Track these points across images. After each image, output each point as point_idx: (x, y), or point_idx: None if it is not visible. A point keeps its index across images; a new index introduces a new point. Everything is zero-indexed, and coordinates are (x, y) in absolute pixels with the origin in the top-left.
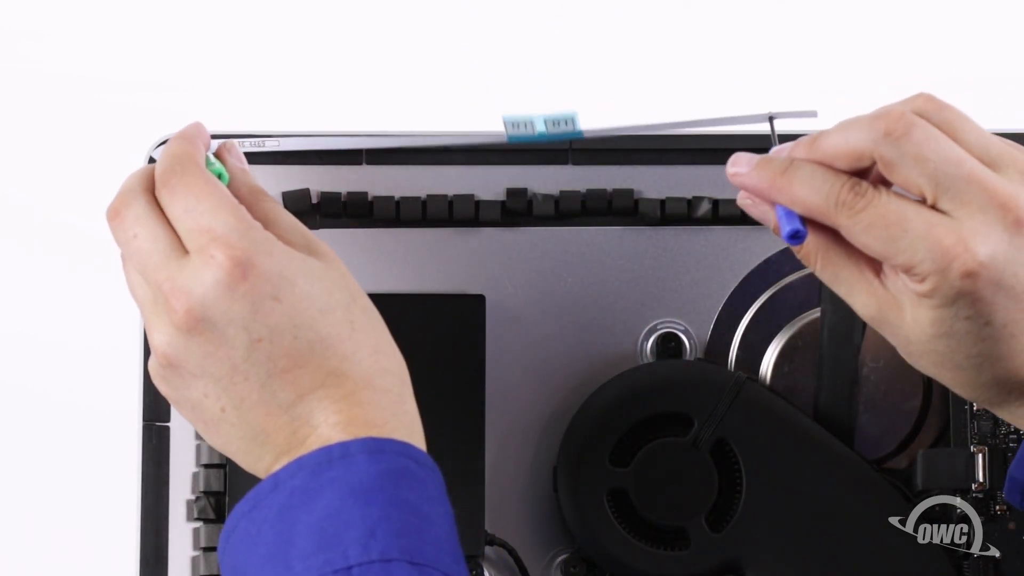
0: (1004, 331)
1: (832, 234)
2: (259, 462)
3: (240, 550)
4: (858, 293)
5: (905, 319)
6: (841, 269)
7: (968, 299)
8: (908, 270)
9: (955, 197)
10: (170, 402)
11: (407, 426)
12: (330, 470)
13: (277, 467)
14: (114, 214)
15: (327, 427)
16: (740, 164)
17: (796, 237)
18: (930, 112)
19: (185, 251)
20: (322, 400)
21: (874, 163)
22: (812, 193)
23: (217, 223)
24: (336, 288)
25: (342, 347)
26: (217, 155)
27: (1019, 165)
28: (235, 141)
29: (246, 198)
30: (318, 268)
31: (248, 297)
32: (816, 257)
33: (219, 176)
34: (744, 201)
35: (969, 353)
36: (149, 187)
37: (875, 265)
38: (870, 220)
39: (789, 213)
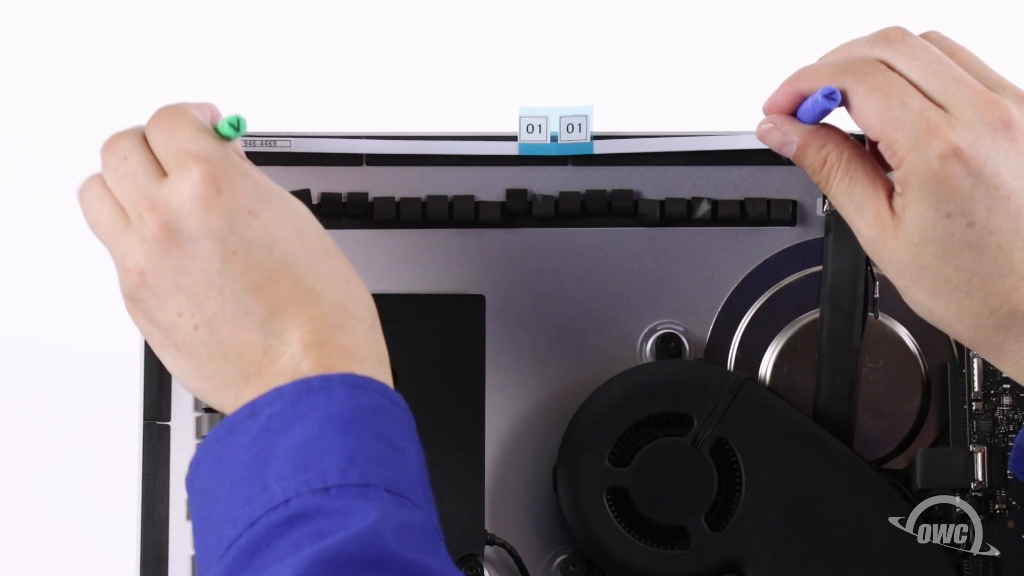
0: (989, 239)
1: (857, 148)
2: (228, 387)
3: (213, 473)
4: (866, 211)
5: (900, 238)
6: (857, 184)
7: (946, 187)
8: (890, 146)
9: (943, 92)
10: (143, 333)
11: (377, 355)
12: (309, 400)
13: (247, 391)
14: (108, 144)
15: (300, 347)
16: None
17: (831, 98)
18: (933, 39)
19: (165, 173)
20: (296, 317)
21: None
22: (832, 61)
23: (196, 145)
24: (311, 219)
25: (317, 268)
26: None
27: (1016, 91)
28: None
29: None
30: (294, 200)
31: (225, 210)
32: (837, 168)
33: (237, 124)
34: (764, 126)
35: (956, 264)
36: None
37: (888, 186)
38: (876, 85)
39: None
